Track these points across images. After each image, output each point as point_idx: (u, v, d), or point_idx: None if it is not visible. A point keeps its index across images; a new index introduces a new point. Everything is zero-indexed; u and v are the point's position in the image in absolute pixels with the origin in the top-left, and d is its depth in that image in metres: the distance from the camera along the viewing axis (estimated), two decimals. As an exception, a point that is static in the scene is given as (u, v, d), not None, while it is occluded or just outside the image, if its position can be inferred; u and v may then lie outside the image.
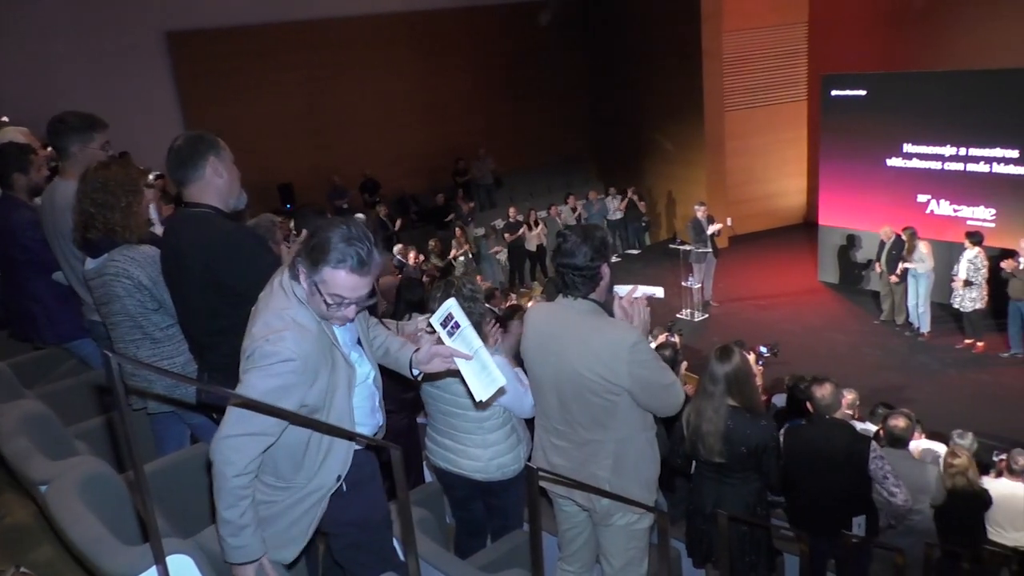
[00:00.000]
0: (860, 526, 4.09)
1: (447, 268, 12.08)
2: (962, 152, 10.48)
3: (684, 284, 11.49)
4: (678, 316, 11.24)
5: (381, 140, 14.64)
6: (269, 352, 2.01)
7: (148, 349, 3.02)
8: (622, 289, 2.77)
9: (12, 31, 11.35)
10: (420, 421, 4.02)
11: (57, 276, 3.70)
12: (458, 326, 2.32)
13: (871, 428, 5.87)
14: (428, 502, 3.48)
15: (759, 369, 7.62)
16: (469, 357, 2.29)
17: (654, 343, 6.81)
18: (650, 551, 3.05)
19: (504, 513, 3.39)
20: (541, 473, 2.44)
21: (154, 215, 3.96)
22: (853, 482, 4.01)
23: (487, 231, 13.72)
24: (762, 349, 8.08)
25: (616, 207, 14.73)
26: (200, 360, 2.89)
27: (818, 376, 4.50)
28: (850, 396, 6.36)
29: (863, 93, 11.38)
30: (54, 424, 2.76)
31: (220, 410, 2.80)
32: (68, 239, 3.27)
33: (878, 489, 4.04)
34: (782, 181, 15.11)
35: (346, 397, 2.20)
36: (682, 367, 6.03)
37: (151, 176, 3.88)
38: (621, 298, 2.76)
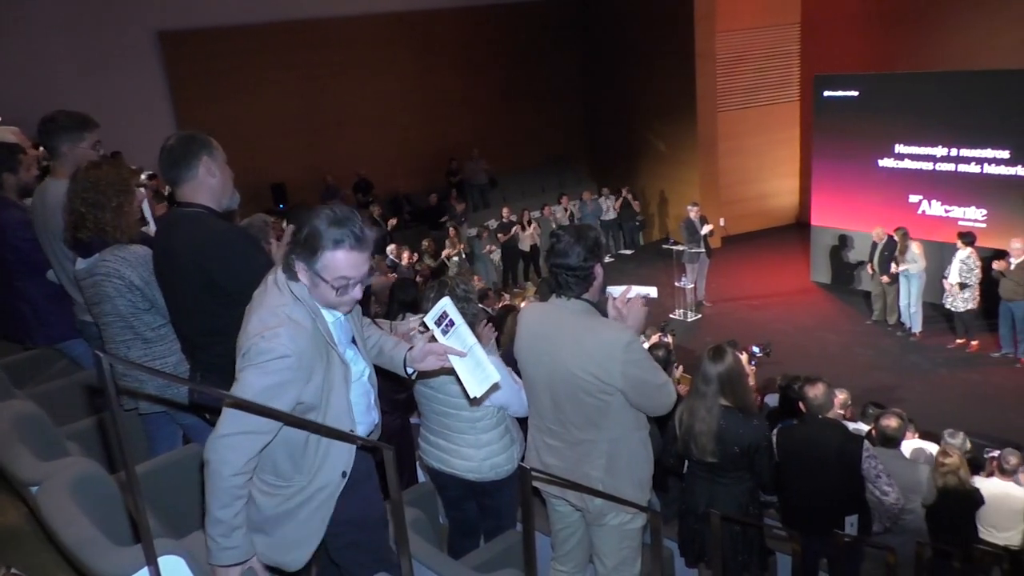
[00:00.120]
0: (853, 525, 4.11)
1: (440, 268, 12.06)
2: (953, 153, 10.54)
3: (677, 284, 11.51)
4: (671, 316, 11.27)
5: (375, 140, 14.62)
6: (264, 349, 2.00)
7: (139, 349, 3.01)
8: (616, 290, 2.78)
9: (4, 30, 11.28)
10: (413, 421, 4.02)
11: (48, 276, 3.69)
12: (452, 324, 2.33)
13: (863, 428, 5.90)
14: (421, 502, 3.48)
15: (751, 369, 7.66)
16: (463, 354, 2.30)
17: (647, 343, 6.83)
18: (643, 551, 3.05)
19: (497, 513, 3.38)
20: (534, 473, 2.44)
21: (148, 214, 3.95)
22: (845, 482, 4.02)
23: (479, 231, 13.71)
24: (755, 349, 8.11)
25: (610, 207, 14.75)
26: (193, 360, 2.88)
27: (811, 376, 4.52)
28: (842, 396, 6.39)
29: (855, 94, 11.43)
30: (45, 425, 2.75)
31: (212, 410, 2.80)
32: (59, 239, 3.26)
33: (870, 489, 4.06)
34: (775, 181, 15.16)
35: (343, 394, 2.19)
36: (678, 370, 6.05)
37: (143, 176, 3.87)
38: (615, 299, 2.77)
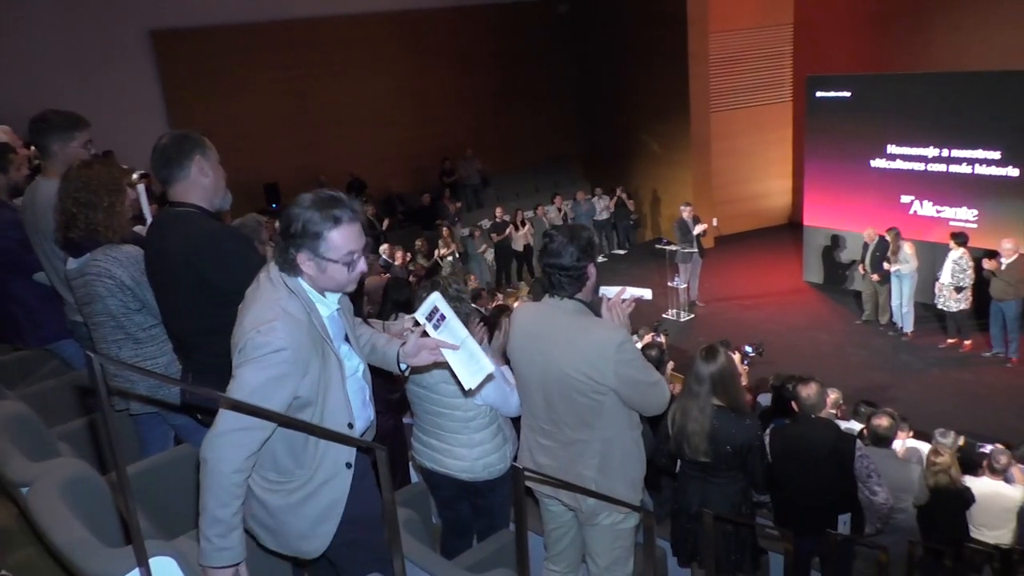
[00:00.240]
0: (846, 524, 4.12)
1: (434, 268, 12.05)
2: (945, 153, 10.58)
3: (670, 284, 11.53)
4: (664, 316, 11.28)
5: (368, 140, 14.60)
6: (261, 343, 1.99)
7: (130, 349, 3.00)
8: (610, 290, 2.77)
9: (-6, 29, 11.25)
10: (406, 421, 4.02)
11: (39, 276, 3.67)
12: (443, 318, 2.33)
13: (855, 427, 5.92)
14: (414, 502, 3.47)
15: (744, 369, 7.68)
16: (456, 347, 2.30)
17: (640, 343, 6.83)
18: (636, 550, 3.06)
19: (490, 513, 3.38)
20: (527, 473, 2.44)
21: (147, 211, 3.93)
22: (838, 481, 4.04)
23: (472, 231, 13.70)
24: (747, 349, 8.14)
25: (603, 207, 14.77)
26: (185, 360, 2.87)
27: (803, 376, 4.54)
28: (833, 395, 6.42)
29: (847, 94, 11.46)
30: (36, 425, 2.74)
31: (204, 411, 2.79)
32: (50, 239, 3.24)
33: (861, 488, 4.08)
34: (767, 182, 15.21)
35: (340, 388, 2.19)
36: (668, 367, 6.06)
37: (135, 175, 3.85)
38: (609, 299, 2.76)
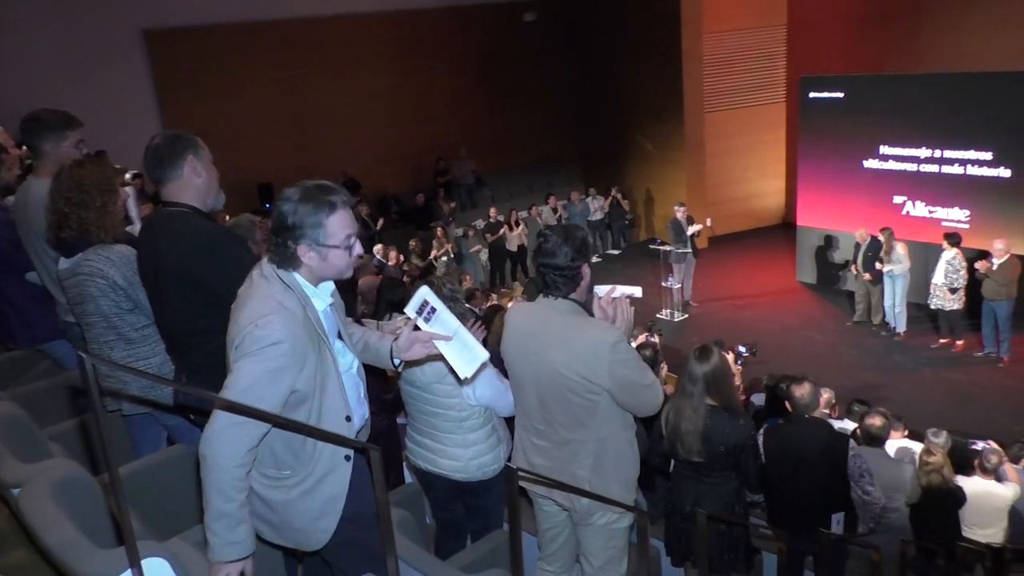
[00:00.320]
0: (839, 523, 4.13)
1: (428, 268, 12.05)
2: (937, 154, 10.63)
3: (664, 284, 11.55)
4: (658, 316, 11.30)
5: (362, 140, 14.57)
6: (259, 337, 2.00)
7: (123, 350, 2.99)
8: (601, 289, 2.79)
9: (-14, 27, 11.19)
10: (400, 422, 4.01)
11: (31, 276, 3.65)
12: (434, 311, 2.34)
13: (848, 427, 5.94)
14: (408, 503, 3.46)
15: (738, 369, 7.69)
16: (449, 338, 2.30)
17: (634, 343, 6.84)
18: (629, 550, 3.06)
19: (484, 513, 3.38)
20: (521, 473, 2.44)
21: (133, 212, 3.91)
22: (831, 480, 4.05)
23: (466, 231, 13.69)
24: (741, 349, 8.14)
25: (597, 207, 14.78)
26: (178, 361, 2.86)
27: (797, 375, 4.55)
28: (826, 395, 6.44)
29: (840, 95, 11.50)
30: (28, 426, 2.73)
31: (197, 411, 2.78)
32: (41, 238, 3.23)
33: (853, 487, 4.09)
34: (761, 182, 15.24)
35: (337, 382, 2.20)
36: (663, 369, 6.07)
37: (128, 175, 3.84)
38: (600, 298, 2.77)
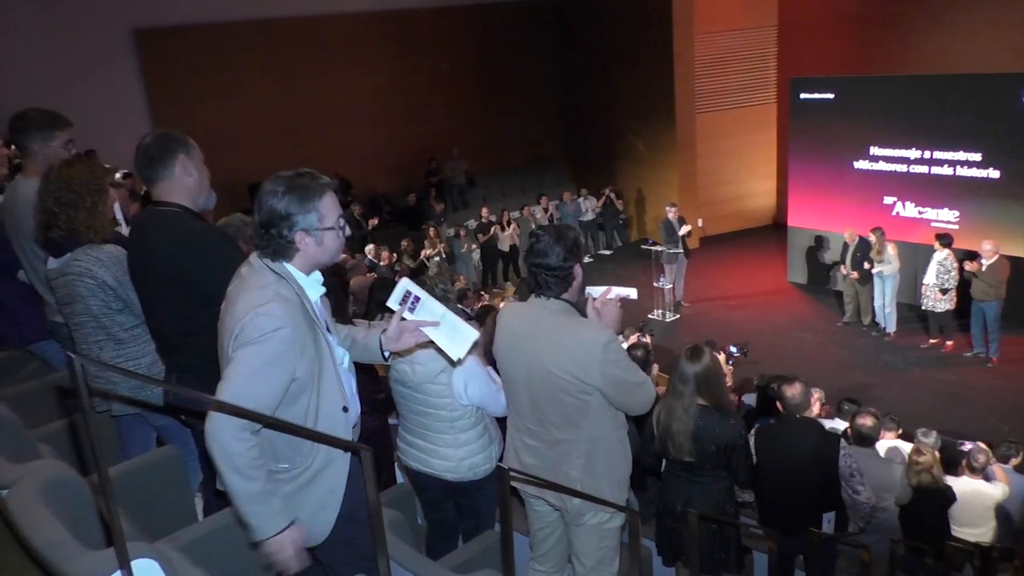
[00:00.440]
0: (830, 522, 4.15)
1: (420, 268, 12.03)
2: (927, 155, 10.68)
3: (655, 284, 11.57)
4: (650, 316, 11.32)
5: (354, 140, 14.53)
6: (260, 324, 2.01)
7: (112, 350, 2.97)
8: (596, 291, 2.79)
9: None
10: (392, 422, 4.00)
11: (20, 276, 3.63)
12: (417, 299, 2.34)
13: (839, 426, 5.96)
14: (400, 503, 3.46)
15: (729, 369, 7.72)
16: (436, 324, 2.31)
17: (626, 343, 6.85)
18: (621, 550, 3.06)
19: (476, 513, 3.38)
20: (513, 473, 2.44)
21: (119, 215, 3.89)
22: (822, 479, 4.06)
23: (457, 231, 13.68)
24: (732, 349, 8.17)
25: (589, 208, 14.80)
26: (168, 361, 2.85)
27: (788, 375, 4.56)
28: (817, 395, 6.46)
29: (831, 96, 11.55)
30: (16, 427, 2.70)
31: (187, 411, 2.77)
32: (30, 238, 3.20)
33: (844, 487, 4.10)
34: (752, 183, 15.29)
35: (333, 372, 2.21)
36: (654, 369, 6.08)
37: (118, 175, 3.82)
38: (594, 299, 2.77)
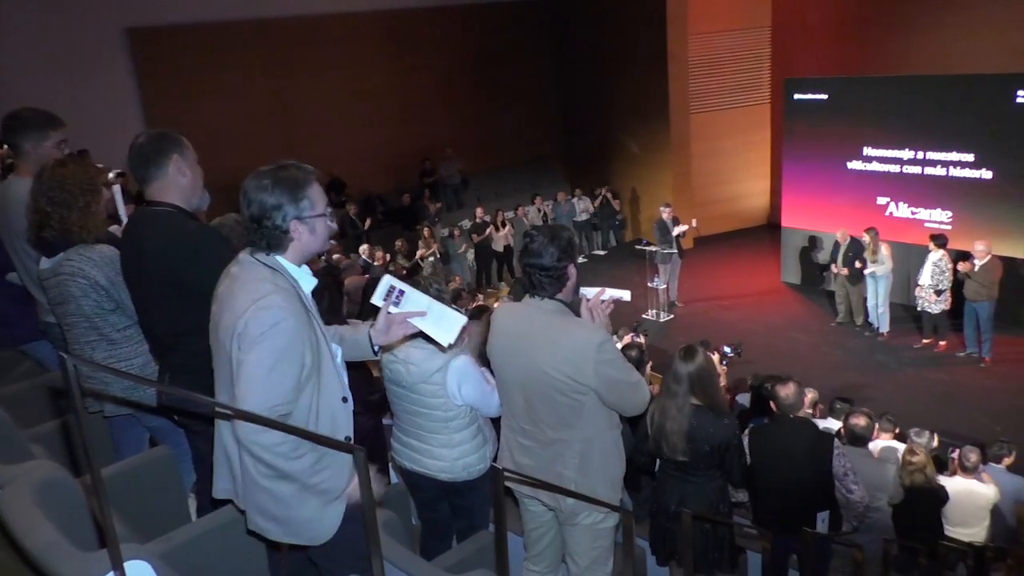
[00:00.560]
0: (824, 521, 4.16)
1: (415, 268, 12.02)
2: (920, 156, 10.72)
3: (650, 285, 11.58)
4: (644, 316, 11.33)
5: (348, 140, 14.50)
6: (263, 318, 2.00)
7: (105, 350, 2.96)
8: (589, 291, 2.79)
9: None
10: (386, 422, 4.00)
11: (11, 277, 3.61)
12: (402, 293, 2.35)
13: (833, 426, 5.98)
14: (394, 503, 3.46)
15: (723, 369, 7.72)
16: (423, 313, 2.32)
17: (620, 343, 6.86)
18: (615, 550, 3.07)
19: (470, 513, 3.38)
20: (507, 473, 2.44)
21: (121, 210, 3.89)
22: (816, 479, 4.07)
23: (452, 231, 13.67)
24: (726, 349, 8.18)
25: (583, 208, 14.81)
26: (162, 361, 2.84)
27: (781, 375, 4.58)
28: (810, 395, 6.48)
29: (824, 97, 11.58)
30: (8, 428, 2.70)
31: (181, 412, 2.76)
32: (22, 238, 3.19)
33: (837, 486, 4.12)
34: (746, 183, 15.32)
35: (331, 362, 2.21)
36: (647, 367, 6.09)
37: (111, 174, 3.81)
38: (588, 300, 2.78)
